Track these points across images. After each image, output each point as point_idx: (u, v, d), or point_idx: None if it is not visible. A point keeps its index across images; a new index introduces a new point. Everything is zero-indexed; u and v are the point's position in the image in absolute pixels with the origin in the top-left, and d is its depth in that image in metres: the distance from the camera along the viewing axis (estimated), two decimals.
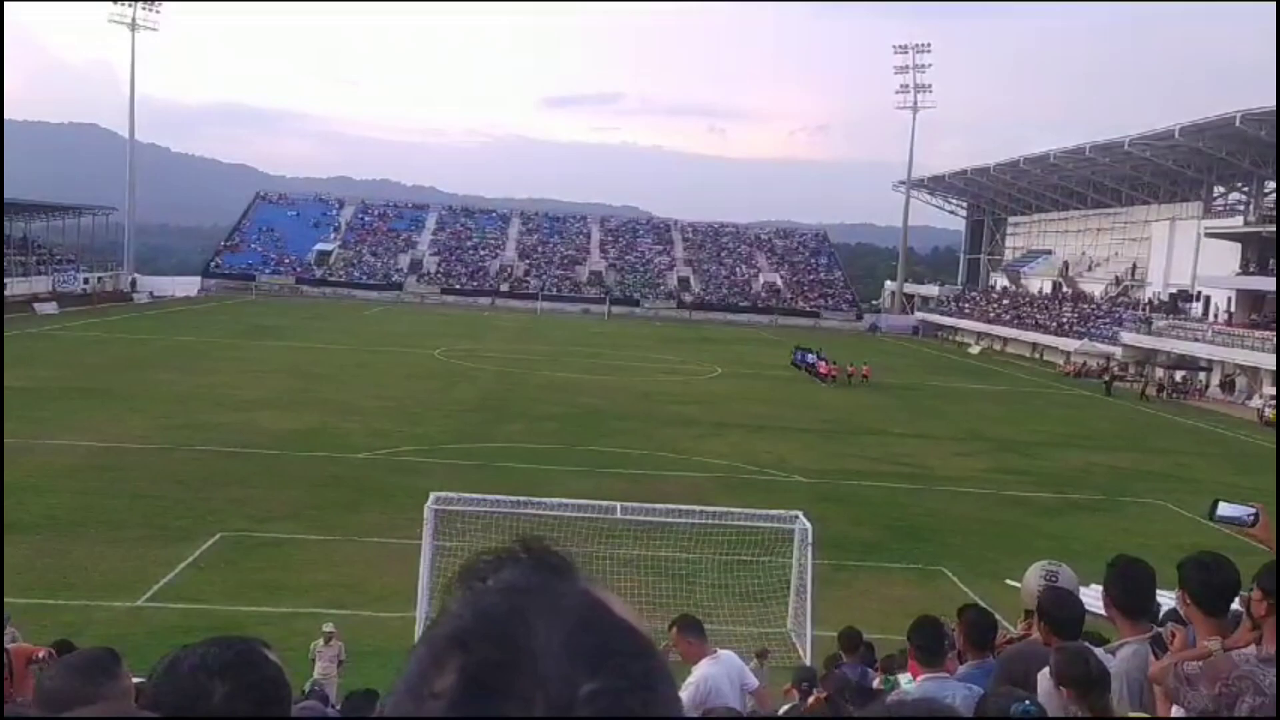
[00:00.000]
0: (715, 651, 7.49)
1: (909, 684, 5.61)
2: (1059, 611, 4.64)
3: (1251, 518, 4.09)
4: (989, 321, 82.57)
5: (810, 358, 54.07)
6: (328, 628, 13.18)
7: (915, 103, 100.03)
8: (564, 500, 17.76)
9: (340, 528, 20.30)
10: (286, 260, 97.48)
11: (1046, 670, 4.26)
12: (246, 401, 34.14)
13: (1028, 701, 2.97)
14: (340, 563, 18.31)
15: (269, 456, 26.25)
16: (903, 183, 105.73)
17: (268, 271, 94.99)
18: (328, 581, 17.31)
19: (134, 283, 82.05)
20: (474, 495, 17.55)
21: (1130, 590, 4.40)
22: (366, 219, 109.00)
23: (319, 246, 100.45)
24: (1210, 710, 3.46)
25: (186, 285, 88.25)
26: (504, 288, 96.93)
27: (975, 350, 78.39)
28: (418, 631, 14.87)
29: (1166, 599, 5.86)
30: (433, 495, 16.32)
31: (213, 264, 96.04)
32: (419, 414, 34.11)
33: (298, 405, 34.24)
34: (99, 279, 75.61)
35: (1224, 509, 4.17)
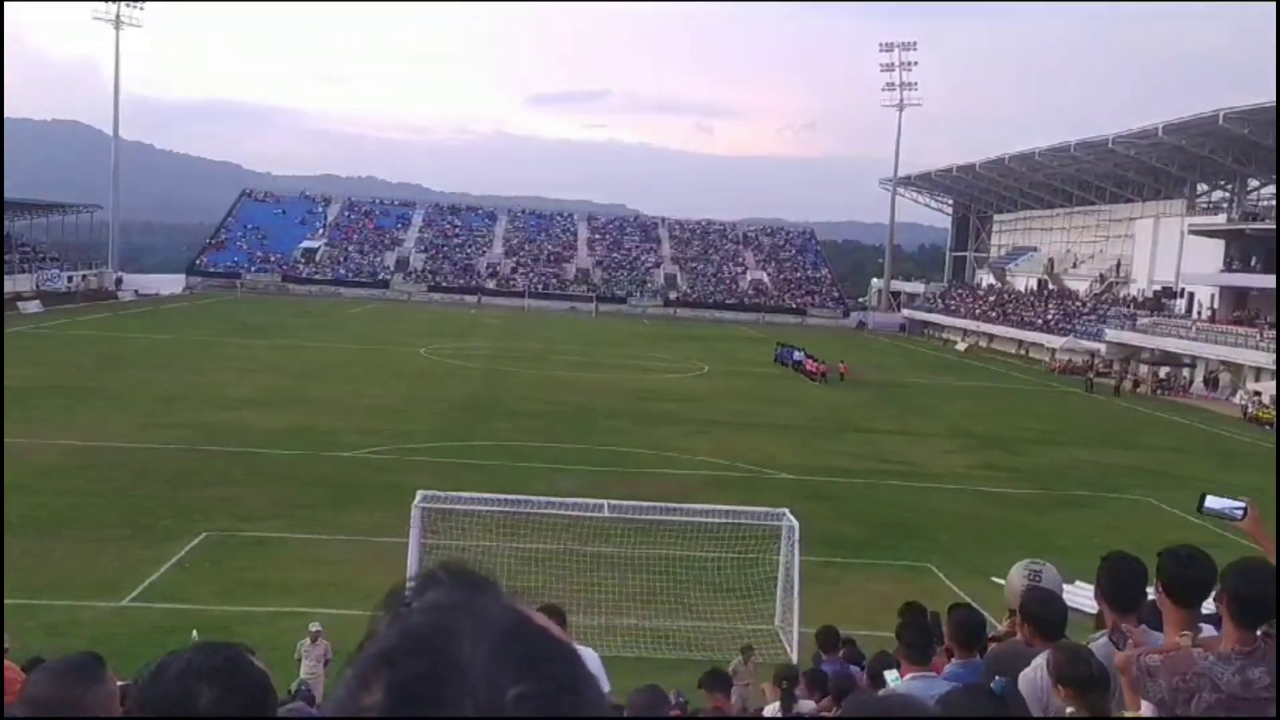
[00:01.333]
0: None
1: (896, 681, 5.62)
2: (1043, 611, 4.64)
3: (1240, 512, 4.06)
4: (975, 319, 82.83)
5: (798, 355, 54.15)
6: (314, 627, 13.14)
7: (901, 100, 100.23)
8: (551, 498, 17.74)
9: (327, 526, 20.24)
10: (272, 258, 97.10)
11: (1031, 668, 4.28)
12: (232, 400, 34.00)
13: (1000, 679, 2.97)
14: (327, 561, 18.24)
15: (255, 455, 26.15)
16: (889, 180, 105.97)
17: (253, 269, 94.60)
18: (314, 580, 17.25)
19: (119, 281, 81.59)
20: (461, 494, 17.52)
21: (1120, 585, 4.42)
22: (353, 216, 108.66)
23: (305, 244, 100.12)
24: (1167, 702, 3.48)
25: (171, 283, 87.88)
26: (491, 285, 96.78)
27: (961, 347, 78.66)
28: None
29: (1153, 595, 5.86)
30: (420, 493, 16.28)
31: (198, 262, 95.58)
32: (406, 412, 34.02)
33: (284, 404, 34.11)
34: (83, 277, 75.13)
35: (1211, 502, 4.14)
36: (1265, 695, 3.39)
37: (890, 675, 5.69)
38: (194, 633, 12.61)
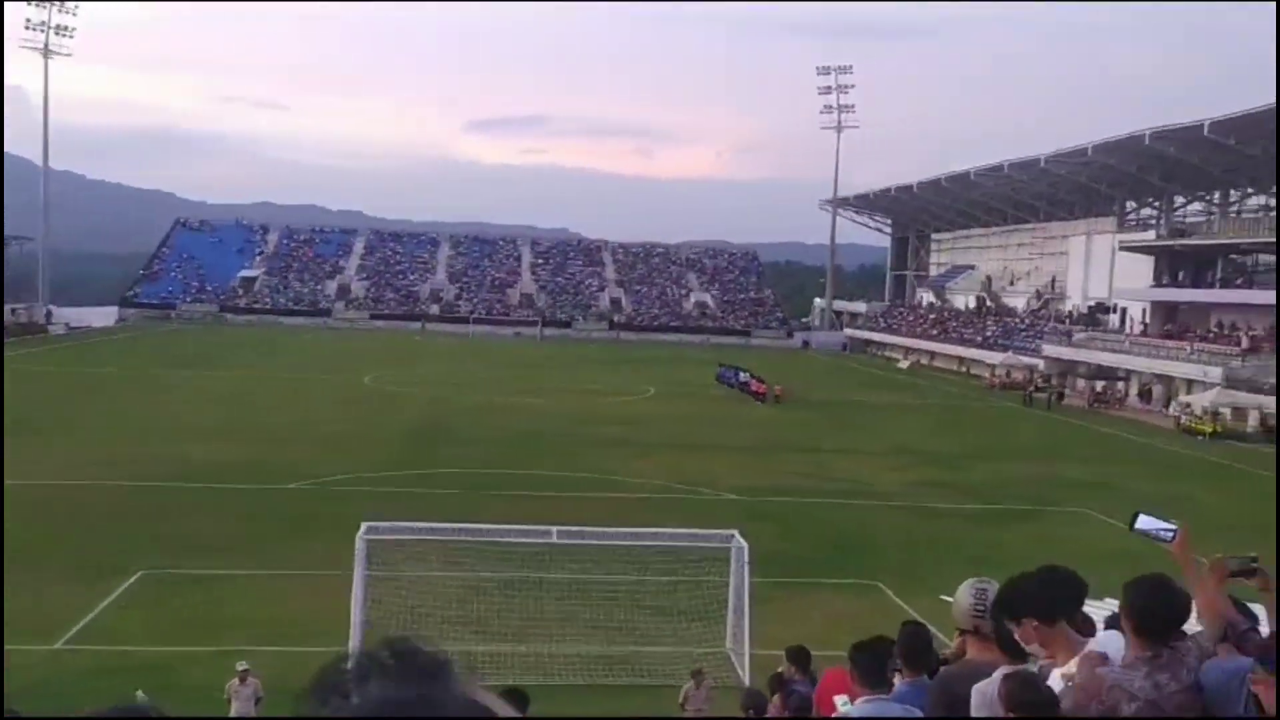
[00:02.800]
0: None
1: (845, 705, 5.61)
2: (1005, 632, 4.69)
3: (1170, 534, 4.02)
4: (916, 336, 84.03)
5: (743, 376, 54.38)
6: (241, 665, 12.76)
7: (839, 123, 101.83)
8: (499, 526, 17.58)
9: (269, 561, 19.84)
10: (209, 288, 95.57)
11: (979, 686, 4.31)
12: (170, 433, 33.28)
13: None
14: (269, 597, 17.87)
15: (193, 489, 25.59)
16: (829, 201, 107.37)
17: (189, 300, 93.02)
18: (257, 617, 16.87)
19: (49, 314, 79.63)
20: (407, 523, 17.28)
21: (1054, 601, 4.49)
22: (292, 244, 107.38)
23: (243, 273, 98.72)
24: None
25: (104, 315, 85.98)
26: (434, 312, 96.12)
27: (904, 365, 79.68)
28: None
29: (1096, 609, 5.95)
30: (364, 525, 16.02)
31: (131, 293, 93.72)
32: (350, 442, 33.56)
33: (223, 436, 33.46)
34: (13, 311, 73.22)
35: (1143, 522, 4.09)
36: (1179, 699, 3.52)
37: (839, 700, 5.67)
38: (139, 692, 12.26)
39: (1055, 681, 3.82)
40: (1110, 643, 4.01)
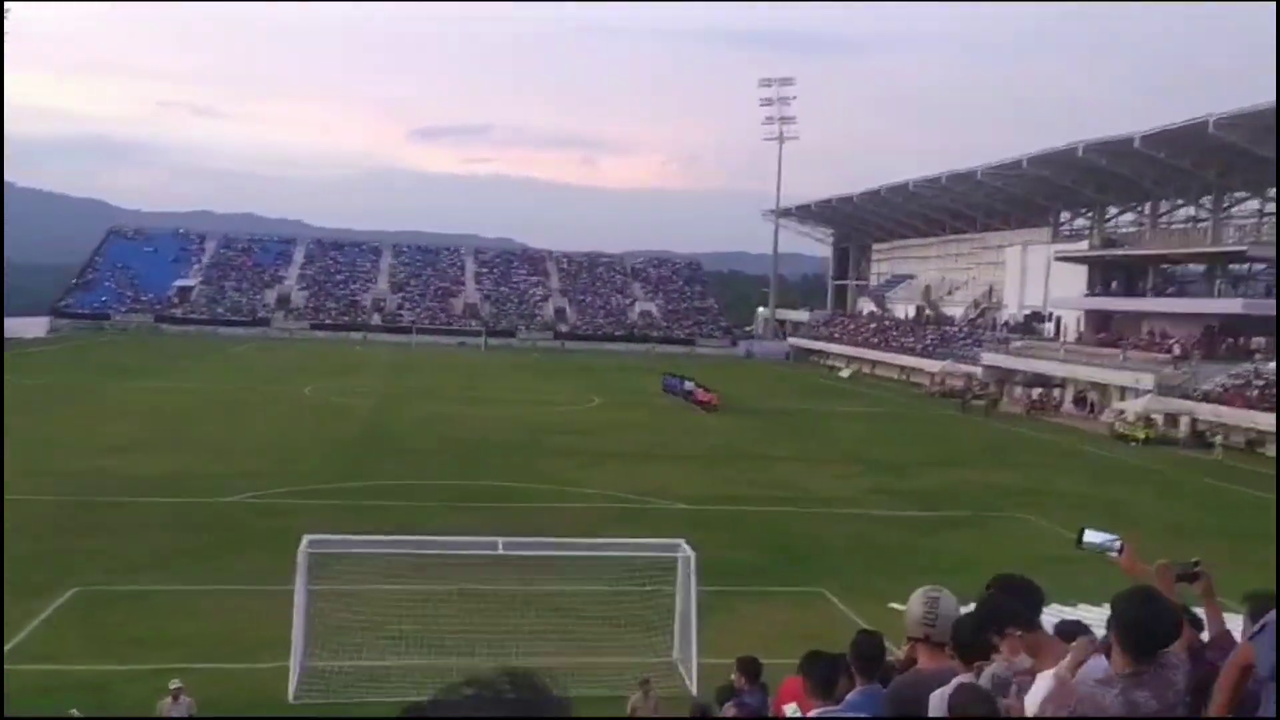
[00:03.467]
0: None
1: (794, 713, 5.64)
2: (969, 637, 4.78)
3: (1116, 547, 4.19)
4: (858, 345, 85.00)
5: (688, 385, 54.53)
6: (174, 684, 12.46)
7: (781, 134, 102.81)
8: (444, 538, 17.40)
9: (207, 577, 19.43)
10: (144, 298, 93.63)
11: (938, 693, 4.36)
12: (102, 447, 32.48)
13: None
14: (208, 613, 17.50)
15: (128, 504, 24.99)
16: (772, 212, 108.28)
17: (123, 310, 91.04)
18: (195, 634, 16.51)
19: None
20: (350, 536, 17.06)
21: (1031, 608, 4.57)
22: (229, 253, 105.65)
23: (179, 283, 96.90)
24: None
25: (35, 326, 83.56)
26: (377, 321, 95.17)
27: (846, 374, 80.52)
28: (292, 682, 14.33)
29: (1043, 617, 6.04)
30: (306, 538, 15.76)
31: (63, 302, 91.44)
32: (290, 454, 33.04)
33: (159, 449, 32.76)
34: None
35: (1090, 536, 4.26)
36: (1150, 705, 3.50)
37: (789, 709, 5.70)
38: (74, 710, 11.93)
39: (1041, 686, 3.85)
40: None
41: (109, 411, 40.82)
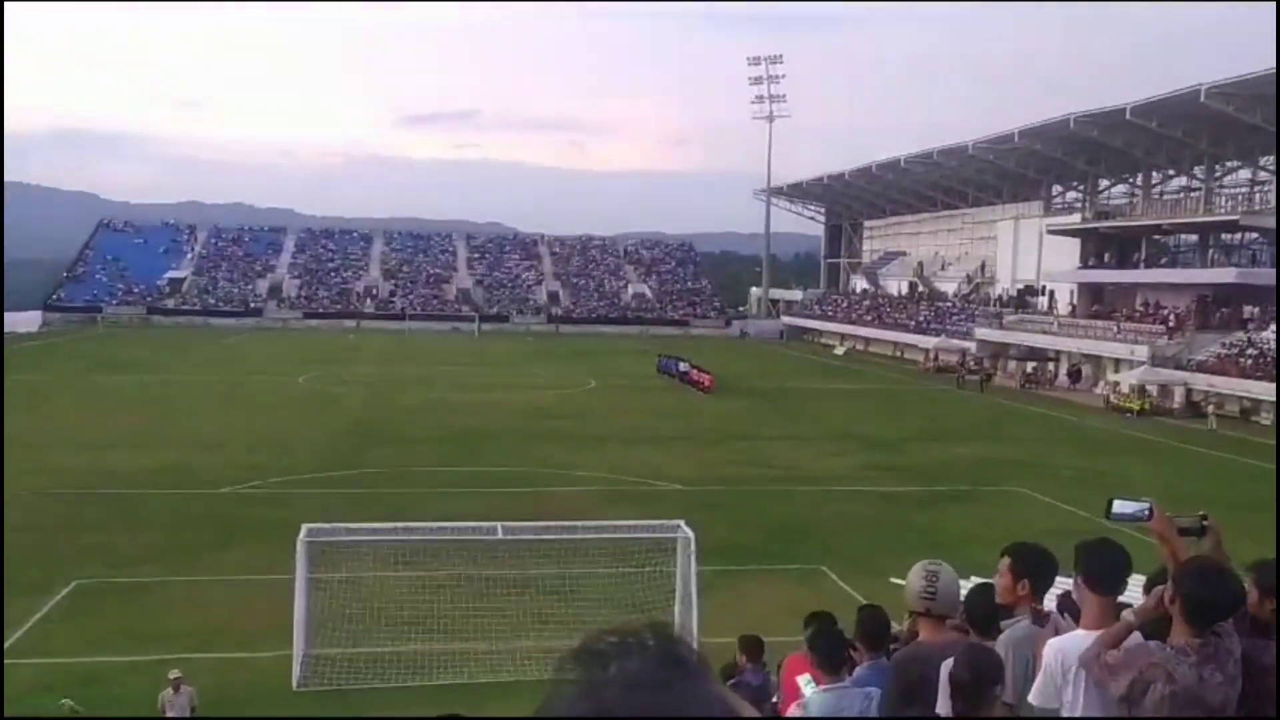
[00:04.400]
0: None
1: (810, 688, 5.67)
2: (978, 610, 4.84)
3: (1146, 513, 4.05)
4: (851, 323, 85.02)
5: (683, 366, 54.51)
6: (174, 674, 12.48)
7: (771, 113, 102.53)
8: (443, 523, 17.41)
9: (206, 568, 19.45)
10: (135, 290, 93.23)
11: (949, 663, 4.40)
12: (98, 441, 32.42)
13: None
14: (208, 604, 17.51)
15: (126, 497, 24.97)
16: (763, 191, 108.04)
17: (115, 302, 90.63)
18: (195, 625, 16.52)
19: None
20: (349, 525, 17.05)
21: (1040, 574, 4.63)
22: (220, 244, 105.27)
23: (170, 274, 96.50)
24: (1126, 698, 3.60)
25: (27, 320, 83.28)
26: (369, 309, 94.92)
27: (840, 351, 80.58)
28: (295, 670, 14.35)
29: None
30: (305, 527, 15.76)
31: (54, 296, 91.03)
32: (285, 444, 33.00)
33: (154, 442, 32.70)
34: None
35: (1120, 507, 4.11)
36: (1223, 691, 3.51)
37: (803, 680, 5.72)
38: (67, 701, 11.94)
39: (1076, 640, 3.89)
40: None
41: (104, 405, 40.72)
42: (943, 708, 4.19)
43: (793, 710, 5.45)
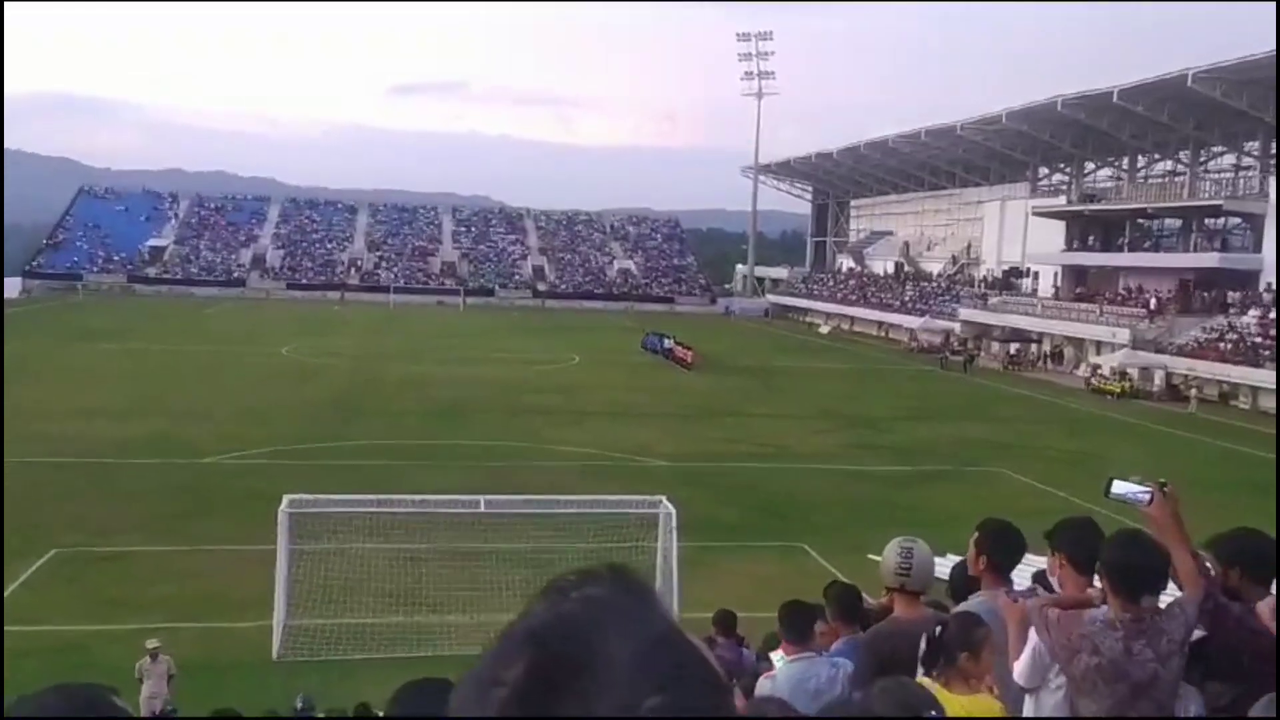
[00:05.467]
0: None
1: (780, 660, 5.73)
2: (958, 584, 4.93)
3: (1146, 497, 3.83)
4: (837, 302, 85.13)
5: (668, 343, 54.51)
6: (152, 643, 12.44)
7: (760, 90, 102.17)
8: (426, 496, 17.39)
9: (188, 537, 19.39)
10: (116, 258, 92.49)
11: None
12: (78, 409, 32.20)
13: (933, 712, 2.93)
14: (189, 574, 17.48)
15: (106, 466, 24.85)
16: (750, 168, 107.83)
17: (95, 270, 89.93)
18: (176, 594, 16.50)
19: None
20: (331, 496, 17.02)
21: (1002, 550, 4.66)
22: (203, 212, 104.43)
23: (151, 242, 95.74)
24: (1056, 655, 3.70)
25: (7, 287, 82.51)
26: (354, 281, 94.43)
27: (825, 330, 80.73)
28: (275, 641, 14.36)
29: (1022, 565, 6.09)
30: (286, 498, 15.72)
31: (34, 263, 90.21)
32: (268, 415, 32.88)
33: (135, 411, 32.53)
34: None
35: (1118, 487, 3.90)
36: (1151, 669, 3.53)
37: (775, 656, 5.77)
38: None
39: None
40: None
41: (84, 374, 40.45)
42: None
43: (762, 681, 5.50)
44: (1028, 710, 3.97)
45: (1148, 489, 3.82)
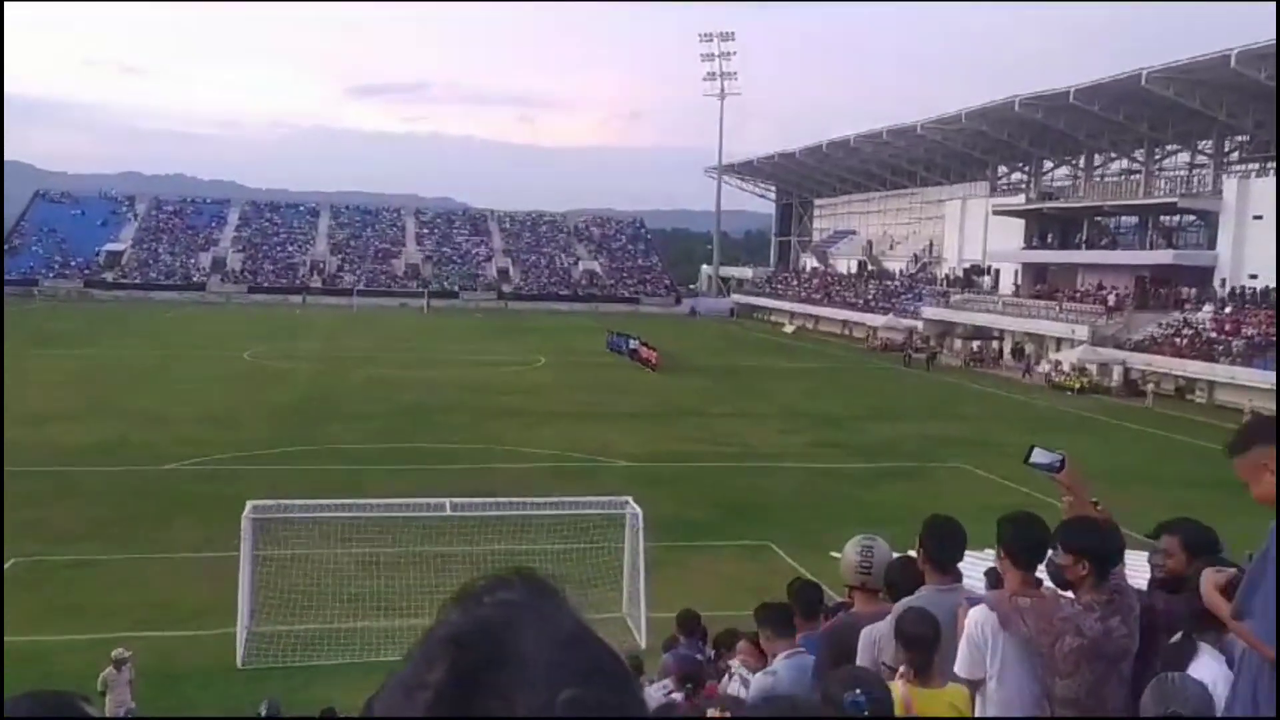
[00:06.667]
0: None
1: (739, 669, 5.82)
2: (900, 577, 5.00)
3: (1059, 463, 4.31)
4: (801, 301, 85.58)
5: (633, 344, 54.56)
6: (120, 653, 12.23)
7: (723, 90, 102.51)
8: (391, 500, 17.32)
9: (148, 544, 19.16)
10: (73, 262, 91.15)
11: (868, 628, 4.54)
12: (34, 415, 31.67)
13: (859, 691, 3.01)
14: (150, 581, 17.27)
15: (64, 473, 24.49)
16: (714, 168, 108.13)
17: (51, 275, 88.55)
18: (136, 602, 16.30)
19: None
20: (295, 500, 16.90)
21: (940, 544, 4.74)
22: (161, 216, 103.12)
23: (109, 247, 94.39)
24: (1032, 641, 3.86)
25: None
26: (316, 284, 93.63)
27: (789, 329, 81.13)
28: (239, 648, 14.23)
29: (979, 560, 6.23)
30: (250, 504, 15.58)
31: None
32: (230, 420, 32.55)
33: (93, 416, 32.09)
34: None
35: (1037, 455, 4.36)
36: (1124, 643, 3.78)
37: (735, 663, 5.85)
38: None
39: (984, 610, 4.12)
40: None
41: (41, 379, 39.81)
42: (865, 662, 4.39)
43: (760, 678, 5.52)
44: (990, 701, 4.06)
45: (1059, 455, 4.33)
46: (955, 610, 4.23)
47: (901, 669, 4.01)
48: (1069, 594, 4.08)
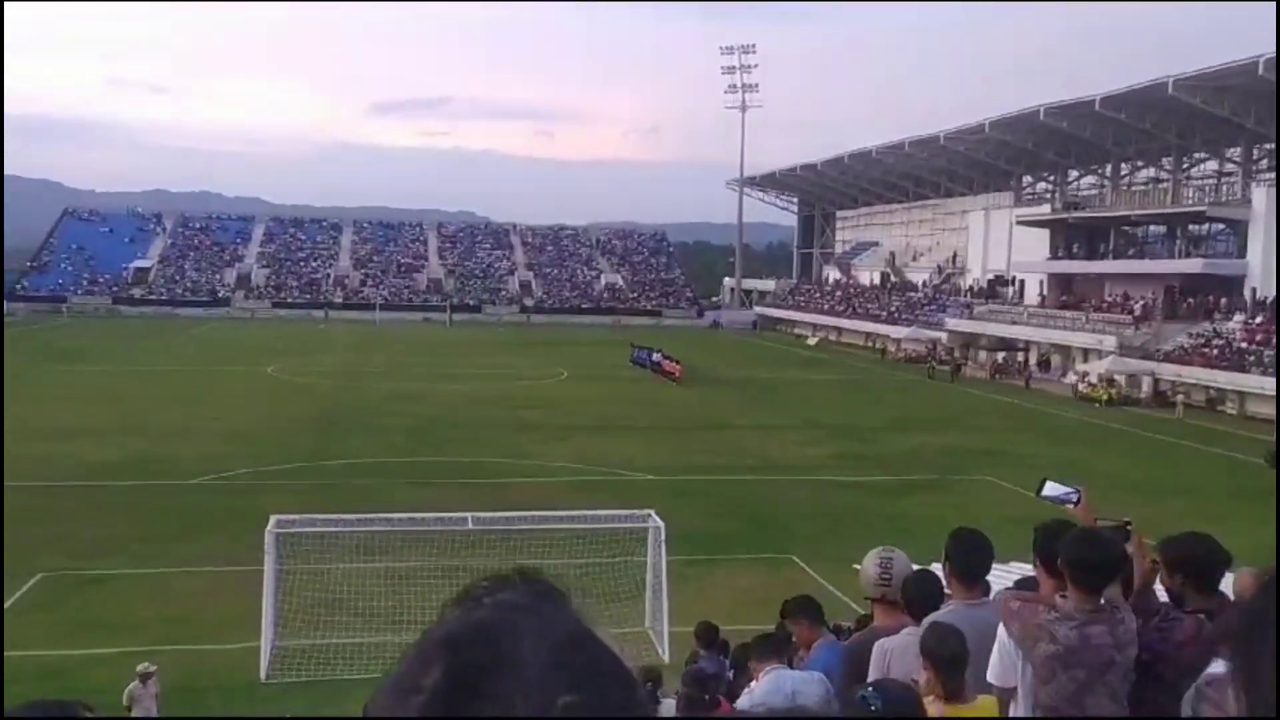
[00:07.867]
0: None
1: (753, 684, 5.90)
2: (916, 592, 4.91)
3: (1075, 497, 4.32)
4: (824, 313, 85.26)
5: (655, 356, 54.50)
6: (146, 667, 12.27)
7: (744, 102, 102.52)
8: (413, 514, 17.32)
9: (172, 559, 19.24)
10: (101, 279, 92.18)
11: (880, 643, 4.51)
12: (61, 431, 31.98)
13: (871, 688, 3.05)
14: (174, 596, 17.34)
15: (90, 488, 24.67)
16: (736, 181, 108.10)
17: (80, 292, 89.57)
18: (161, 616, 16.36)
19: None
20: (318, 515, 16.93)
21: (967, 558, 4.67)
22: (187, 233, 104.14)
23: (136, 263, 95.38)
24: (1019, 644, 3.90)
25: None
26: (339, 299, 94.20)
27: (812, 341, 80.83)
28: (263, 662, 14.24)
29: (1006, 574, 6.14)
30: (273, 518, 15.62)
31: (18, 286, 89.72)
32: (253, 434, 32.71)
33: (119, 432, 32.32)
34: None
35: (1049, 489, 4.38)
36: (1107, 653, 3.72)
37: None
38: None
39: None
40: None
41: (69, 395, 40.20)
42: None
43: (743, 699, 5.63)
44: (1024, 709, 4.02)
45: (1075, 490, 4.29)
46: (983, 625, 4.15)
47: (922, 685, 3.94)
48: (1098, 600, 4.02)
